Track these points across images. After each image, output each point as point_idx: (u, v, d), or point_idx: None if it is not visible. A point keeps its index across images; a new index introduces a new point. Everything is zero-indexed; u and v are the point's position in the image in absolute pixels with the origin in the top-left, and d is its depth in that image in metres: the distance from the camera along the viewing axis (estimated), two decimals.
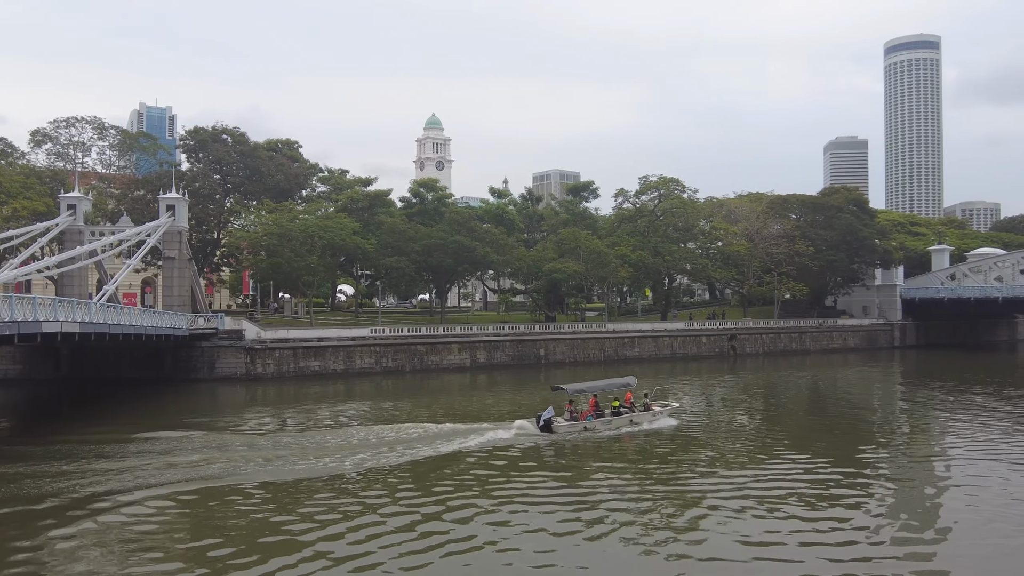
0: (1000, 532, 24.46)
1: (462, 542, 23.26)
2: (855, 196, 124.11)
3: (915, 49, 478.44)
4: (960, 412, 50.34)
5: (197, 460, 33.81)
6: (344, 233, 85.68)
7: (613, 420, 41.92)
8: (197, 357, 67.75)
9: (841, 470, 32.80)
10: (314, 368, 71.61)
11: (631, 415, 42.76)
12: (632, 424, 42.05)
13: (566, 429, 39.90)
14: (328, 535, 23.93)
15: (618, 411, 42.75)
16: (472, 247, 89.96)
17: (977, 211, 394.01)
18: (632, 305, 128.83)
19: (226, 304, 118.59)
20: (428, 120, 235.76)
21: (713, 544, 23.16)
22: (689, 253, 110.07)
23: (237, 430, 42.59)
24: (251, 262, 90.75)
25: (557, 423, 39.97)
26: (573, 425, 40.38)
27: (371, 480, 30.76)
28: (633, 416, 42.70)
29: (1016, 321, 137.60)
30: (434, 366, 77.89)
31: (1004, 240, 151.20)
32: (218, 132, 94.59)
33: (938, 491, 30.39)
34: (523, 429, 39.55)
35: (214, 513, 26.39)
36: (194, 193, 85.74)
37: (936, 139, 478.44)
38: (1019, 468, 33.45)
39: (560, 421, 40.40)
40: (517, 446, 37.32)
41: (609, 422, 41.65)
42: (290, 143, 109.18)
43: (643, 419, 42.76)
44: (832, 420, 48.72)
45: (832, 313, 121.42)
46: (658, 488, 29.62)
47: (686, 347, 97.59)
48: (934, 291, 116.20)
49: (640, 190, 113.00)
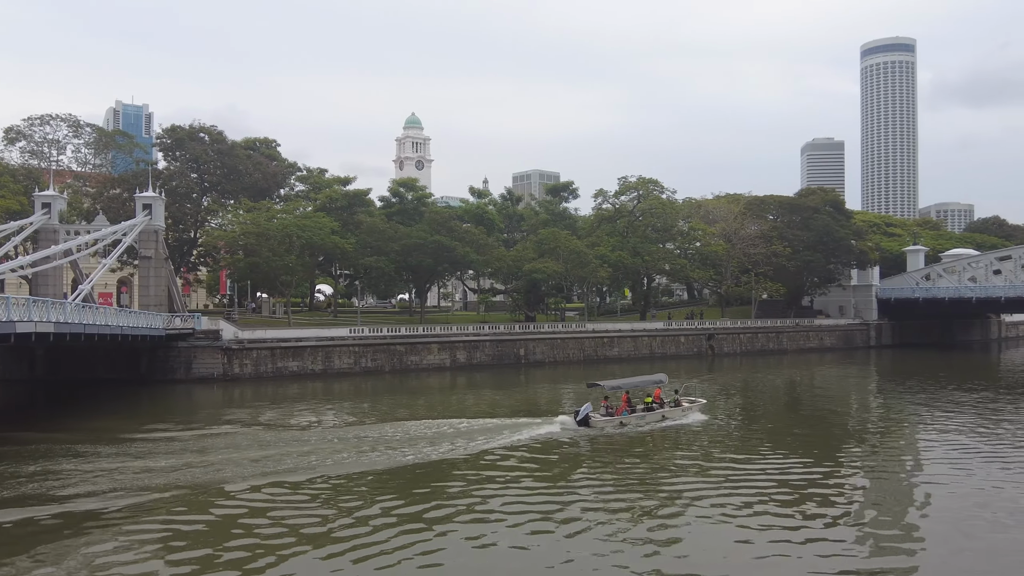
0: (974, 528, 24.78)
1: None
2: (831, 197, 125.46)
3: (891, 52, 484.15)
4: (935, 411, 50.99)
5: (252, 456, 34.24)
6: (323, 232, 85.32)
7: (647, 415, 43.45)
8: (174, 358, 67.19)
9: (819, 468, 33.13)
10: (292, 369, 71.25)
11: (663, 410, 44.43)
12: (664, 419, 43.59)
13: (603, 424, 41.25)
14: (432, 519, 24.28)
15: (650, 407, 44.36)
16: (452, 247, 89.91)
17: (951, 212, 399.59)
18: (611, 305, 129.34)
19: (203, 304, 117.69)
20: (408, 119, 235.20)
21: (713, 542, 23.34)
22: (668, 253, 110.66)
23: (284, 426, 42.28)
24: (228, 261, 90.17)
25: (594, 418, 41.31)
26: (609, 420, 41.75)
27: (459, 469, 32.52)
28: (665, 411, 44.40)
29: (989, 321, 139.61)
30: (414, 366, 77.76)
31: (978, 241, 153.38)
32: (195, 130, 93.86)
33: (914, 489, 30.77)
34: (565, 424, 41.11)
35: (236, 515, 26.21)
36: (171, 192, 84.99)
37: (911, 141, 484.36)
38: (989, 463, 33.95)
39: (597, 416, 41.65)
40: (559, 439, 38.90)
41: (643, 417, 43.19)
42: (268, 142, 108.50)
43: (674, 414, 44.46)
44: (809, 419, 49.21)
45: (809, 313, 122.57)
46: (649, 486, 29.81)
47: (665, 347, 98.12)
48: (909, 291, 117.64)
49: (619, 190, 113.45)
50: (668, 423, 43.21)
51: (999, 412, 49.96)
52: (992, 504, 27.40)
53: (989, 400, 56.09)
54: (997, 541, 23.54)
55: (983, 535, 24.10)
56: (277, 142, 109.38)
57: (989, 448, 38.03)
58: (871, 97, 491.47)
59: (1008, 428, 43.73)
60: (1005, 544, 23.23)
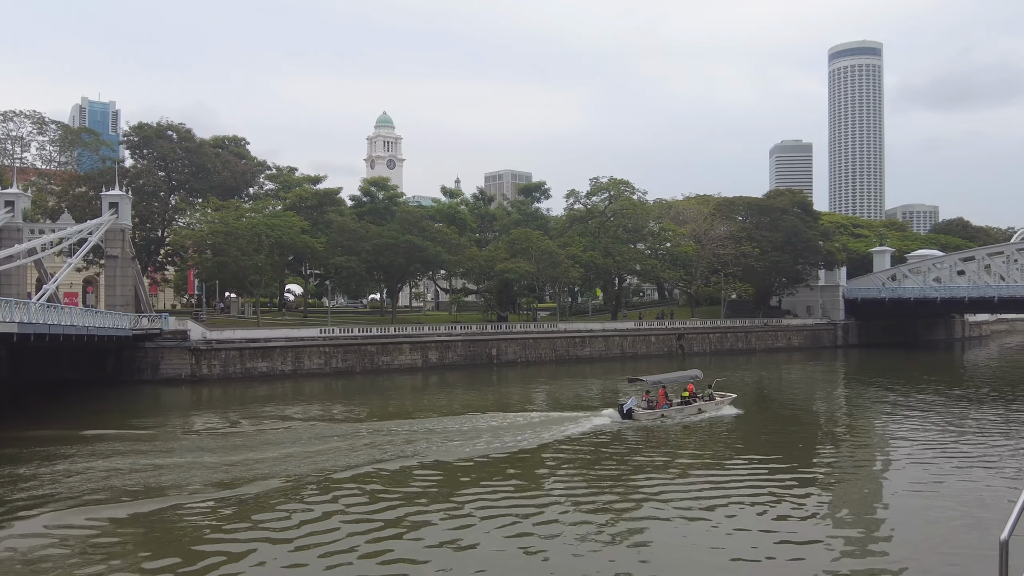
0: (944, 525, 25.21)
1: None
2: (799, 199, 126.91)
3: (858, 55, 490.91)
4: (902, 409, 51.93)
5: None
6: (292, 232, 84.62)
7: (685, 409, 46.34)
8: (141, 358, 66.31)
9: (787, 466, 33.54)
10: (261, 369, 70.60)
11: (699, 404, 47.20)
12: (700, 412, 46.34)
13: (646, 417, 44.01)
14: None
15: (687, 400, 47.15)
16: (424, 247, 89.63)
17: (917, 214, 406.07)
18: (583, 305, 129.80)
19: (171, 304, 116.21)
20: (379, 118, 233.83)
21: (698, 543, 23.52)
22: (639, 254, 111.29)
23: (331, 418, 41.81)
24: (196, 261, 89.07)
25: (637, 412, 44.06)
26: (651, 413, 44.50)
27: (532, 457, 34.77)
28: (701, 404, 47.17)
29: (953, 321, 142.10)
30: (385, 367, 77.42)
31: (942, 242, 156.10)
32: (163, 128, 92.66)
33: (883, 488, 31.28)
34: (612, 417, 44.00)
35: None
36: (138, 190, 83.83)
37: (878, 143, 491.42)
38: (954, 460, 34.60)
39: (640, 410, 44.35)
40: (609, 431, 41.46)
41: (682, 410, 46.06)
42: (237, 140, 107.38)
43: (709, 407, 47.29)
44: (779, 417, 49.77)
45: (777, 313, 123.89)
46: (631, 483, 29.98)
47: (635, 346, 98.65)
48: (875, 292, 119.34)
49: (591, 191, 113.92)
50: (704, 416, 46.00)
51: (965, 411, 50.97)
52: (960, 500, 27.88)
53: (955, 399, 57.18)
54: (967, 539, 23.83)
55: (951, 532, 24.44)
56: (246, 140, 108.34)
57: (955, 446, 38.69)
58: (838, 100, 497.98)
59: (973, 427, 44.58)
60: (974, 541, 23.50)
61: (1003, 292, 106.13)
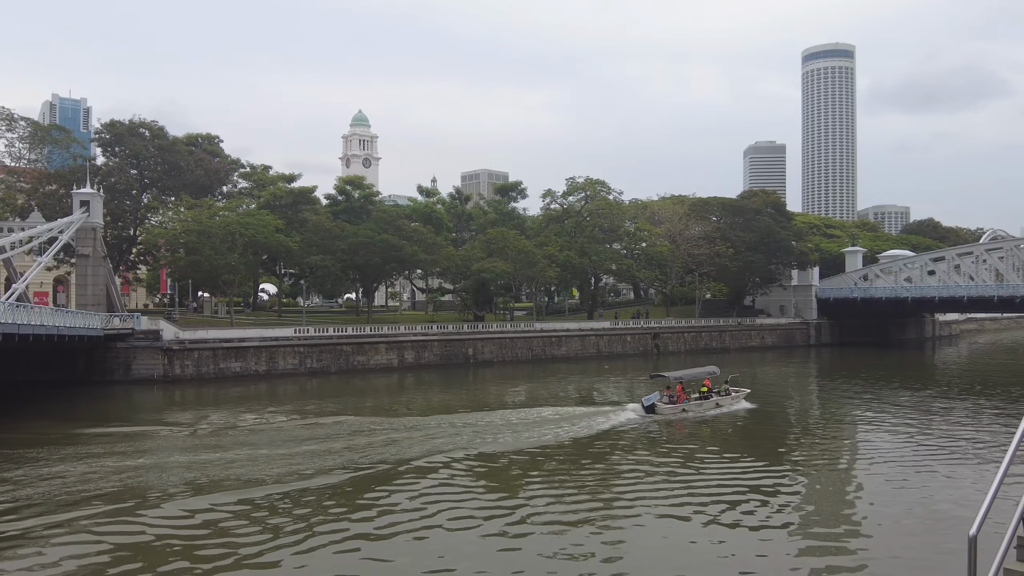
0: (913, 520, 25.53)
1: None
2: (773, 199, 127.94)
3: (831, 58, 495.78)
4: (874, 407, 52.67)
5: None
6: (267, 230, 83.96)
7: (703, 403, 48.53)
8: (112, 358, 65.47)
9: (759, 463, 33.85)
10: (235, 369, 69.97)
11: (717, 398, 49.48)
12: (717, 406, 48.67)
13: (668, 411, 46.17)
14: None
15: (705, 395, 49.41)
16: (400, 246, 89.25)
17: (888, 215, 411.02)
18: (559, 304, 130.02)
19: (143, 303, 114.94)
20: (354, 117, 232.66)
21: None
22: (615, 253, 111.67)
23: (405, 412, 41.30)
24: (169, 260, 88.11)
25: (659, 406, 46.17)
26: (673, 408, 46.60)
27: (558, 454, 36.14)
28: (719, 399, 49.40)
29: (924, 320, 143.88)
30: (360, 366, 77.04)
31: (913, 242, 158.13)
32: (135, 126, 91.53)
33: (856, 485, 31.64)
34: (637, 411, 46.12)
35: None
36: (109, 188, 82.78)
37: (850, 145, 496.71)
38: (924, 457, 35.10)
39: (662, 404, 46.48)
40: (633, 424, 43.91)
41: (701, 404, 48.24)
42: (210, 138, 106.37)
43: (726, 402, 49.66)
44: (752, 415, 50.17)
45: (751, 312, 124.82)
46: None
47: (611, 346, 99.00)
48: (848, 291, 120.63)
49: (567, 191, 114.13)
50: (721, 410, 48.37)
51: (935, 409, 51.81)
52: (930, 496, 28.34)
53: (926, 397, 58.06)
54: (937, 534, 24.16)
55: (921, 528, 24.77)
56: (220, 138, 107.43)
57: (925, 443, 39.26)
58: (811, 101, 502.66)
59: (942, 424, 45.30)
60: (943, 536, 23.75)
61: (972, 292, 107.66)
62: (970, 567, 6.52)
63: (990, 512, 6.71)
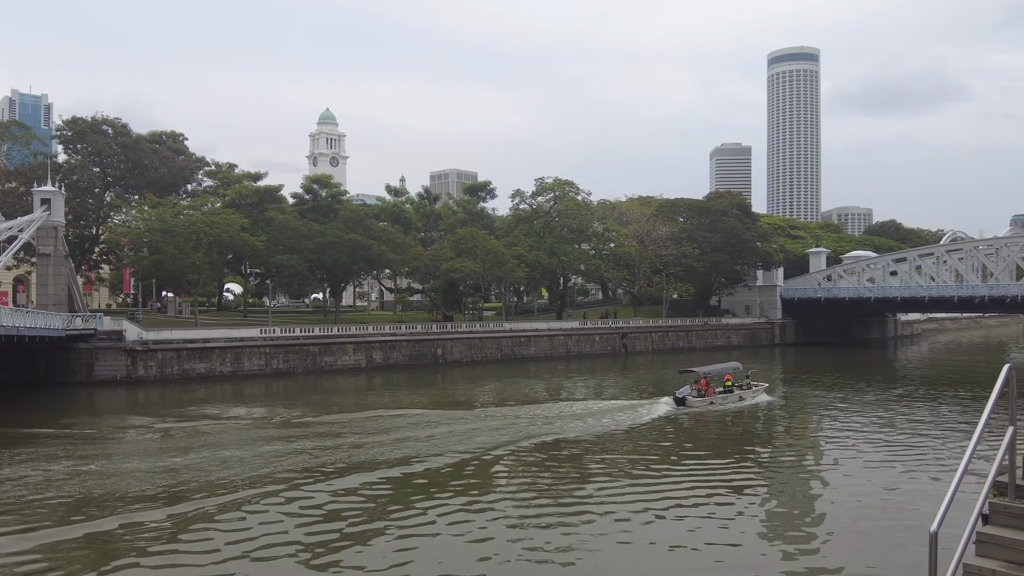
0: (875, 517, 25.90)
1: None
2: (739, 201, 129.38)
3: (796, 61, 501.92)
4: (836, 404, 53.48)
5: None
6: (232, 229, 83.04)
7: (728, 396, 51.65)
8: (74, 359, 64.31)
9: (724, 462, 34.21)
10: (200, 370, 69.09)
11: (740, 392, 52.71)
12: (740, 399, 51.92)
13: (697, 404, 49.48)
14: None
15: (729, 389, 52.39)
16: (368, 245, 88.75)
17: (851, 216, 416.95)
18: (529, 304, 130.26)
19: (105, 303, 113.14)
20: (322, 115, 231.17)
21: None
22: (583, 254, 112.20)
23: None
24: (132, 259, 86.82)
25: (689, 400, 49.47)
26: (702, 400, 50.00)
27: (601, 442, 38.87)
28: (741, 392, 52.59)
29: (886, 320, 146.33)
30: (328, 367, 76.50)
31: (876, 243, 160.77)
32: (98, 123, 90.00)
33: (816, 479, 32.09)
34: (669, 404, 49.38)
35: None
36: (71, 186, 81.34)
37: (815, 147, 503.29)
38: (886, 454, 35.72)
39: (691, 398, 49.75)
40: (669, 416, 47.08)
41: (725, 398, 51.36)
42: (175, 135, 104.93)
43: (748, 395, 52.88)
44: (720, 414, 50.69)
45: (716, 312, 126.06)
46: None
47: (580, 345, 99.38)
48: (812, 291, 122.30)
49: (536, 191, 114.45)
50: (743, 403, 51.69)
51: (896, 406, 52.71)
52: (891, 493, 28.82)
53: (888, 396, 59.05)
54: (898, 531, 24.40)
55: (882, 524, 25.02)
56: (184, 136, 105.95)
57: (887, 441, 39.98)
58: (777, 104, 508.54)
59: (904, 422, 46.09)
60: (905, 533, 23.98)
61: (933, 292, 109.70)
62: (931, 563, 6.67)
63: (951, 509, 6.86)
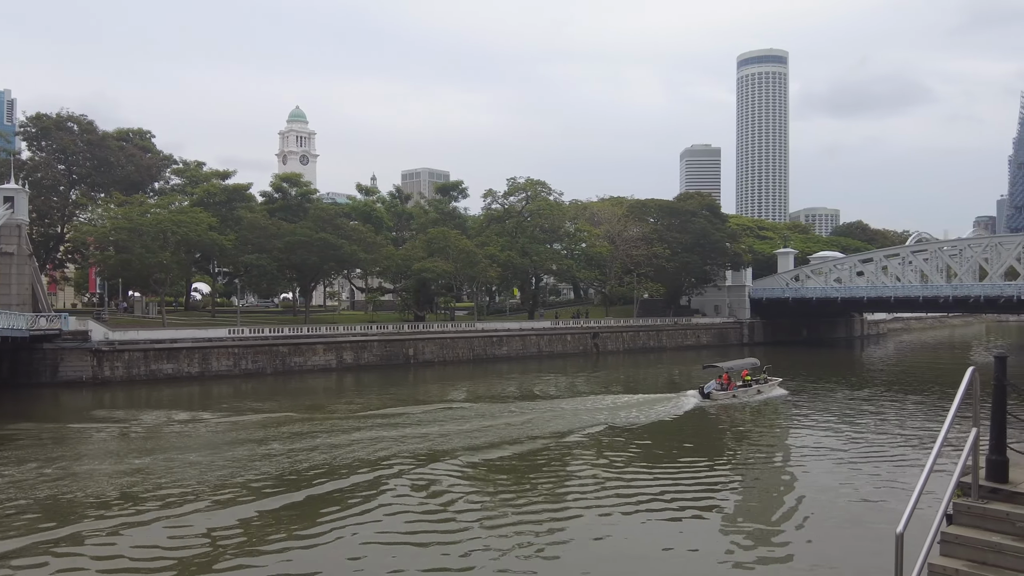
0: (841, 517, 26.26)
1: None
2: (708, 202, 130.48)
3: (765, 63, 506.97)
4: (804, 403, 54.15)
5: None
6: (200, 228, 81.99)
7: (747, 390, 55.31)
8: (38, 360, 63.14)
9: (695, 462, 34.52)
10: (167, 371, 68.20)
11: (757, 386, 56.40)
12: (759, 393, 55.60)
13: (721, 397, 53.16)
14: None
15: (748, 384, 56.06)
16: (338, 245, 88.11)
17: (819, 217, 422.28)
18: (501, 304, 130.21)
19: (71, 303, 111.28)
20: (292, 113, 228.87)
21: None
22: (555, 254, 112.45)
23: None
24: (98, 258, 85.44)
25: (714, 393, 53.22)
26: (725, 394, 53.70)
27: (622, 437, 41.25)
28: (759, 387, 56.40)
29: (853, 319, 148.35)
30: (297, 367, 75.89)
31: (843, 244, 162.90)
32: (63, 119, 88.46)
33: (782, 479, 32.47)
34: (696, 397, 53.15)
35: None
36: (35, 184, 79.94)
37: (783, 148, 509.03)
38: (851, 454, 36.23)
39: (716, 392, 53.43)
40: (698, 408, 50.86)
41: (746, 392, 55.03)
42: (142, 132, 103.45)
43: (765, 389, 56.74)
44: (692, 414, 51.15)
45: (686, 312, 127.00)
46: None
47: (552, 345, 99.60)
48: (780, 291, 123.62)
49: (508, 191, 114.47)
50: (761, 396, 55.15)
51: (862, 406, 53.52)
52: (857, 493, 29.11)
53: (855, 395, 59.92)
54: (864, 531, 24.71)
55: (848, 525, 25.34)
56: (152, 133, 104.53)
57: (852, 440, 40.50)
58: (746, 106, 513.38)
59: (870, 421, 46.78)
60: (870, 533, 24.19)
61: (899, 292, 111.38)
62: (897, 563, 6.81)
63: (917, 508, 6.98)
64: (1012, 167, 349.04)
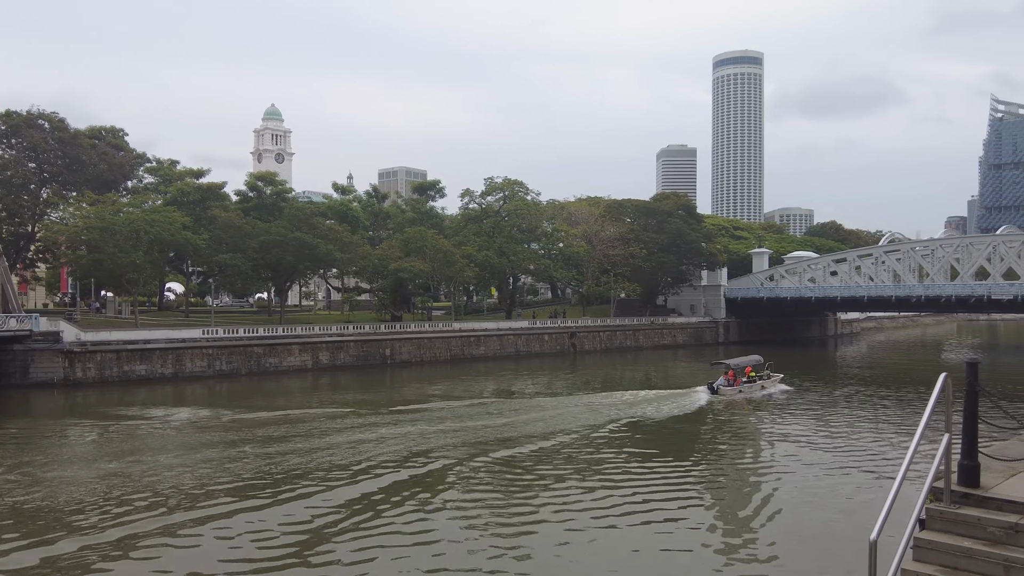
0: (815, 524, 26.40)
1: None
2: (684, 202, 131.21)
3: (740, 64, 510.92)
4: (777, 404, 54.46)
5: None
6: (173, 227, 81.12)
7: (752, 385, 58.09)
8: (8, 362, 62.10)
9: (667, 463, 34.65)
10: (140, 372, 67.37)
11: (762, 381, 59.57)
12: (763, 388, 58.69)
13: (729, 392, 55.77)
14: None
15: (752, 379, 58.62)
16: (314, 244, 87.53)
17: (793, 217, 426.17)
18: (478, 304, 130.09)
19: (42, 303, 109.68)
20: (267, 110, 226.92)
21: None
22: (532, 253, 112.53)
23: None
24: (70, 258, 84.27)
25: (722, 389, 55.78)
26: (732, 389, 56.26)
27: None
28: (763, 382, 59.55)
29: (827, 319, 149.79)
30: (273, 368, 75.27)
31: (816, 244, 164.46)
32: (34, 117, 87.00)
33: (756, 485, 32.66)
34: (705, 392, 55.57)
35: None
36: (5, 182, 78.67)
37: (758, 149, 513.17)
38: (824, 459, 36.53)
39: (724, 387, 56.02)
40: (709, 403, 53.58)
41: (751, 387, 57.79)
42: (115, 130, 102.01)
43: (768, 384, 59.99)
44: (667, 414, 51.33)
45: (663, 311, 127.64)
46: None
47: (529, 345, 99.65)
48: (755, 291, 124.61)
49: (486, 191, 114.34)
50: (765, 391, 58.24)
51: (836, 407, 54.00)
52: (831, 500, 28.98)
53: (828, 396, 60.51)
54: (838, 538, 24.77)
55: (822, 532, 25.33)
56: (124, 131, 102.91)
57: (825, 445, 40.77)
58: (722, 106, 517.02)
59: (844, 424, 46.97)
60: (844, 540, 24.14)
61: (872, 292, 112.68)
62: (871, 570, 6.83)
63: (891, 513, 7.01)
64: (983, 168, 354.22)
